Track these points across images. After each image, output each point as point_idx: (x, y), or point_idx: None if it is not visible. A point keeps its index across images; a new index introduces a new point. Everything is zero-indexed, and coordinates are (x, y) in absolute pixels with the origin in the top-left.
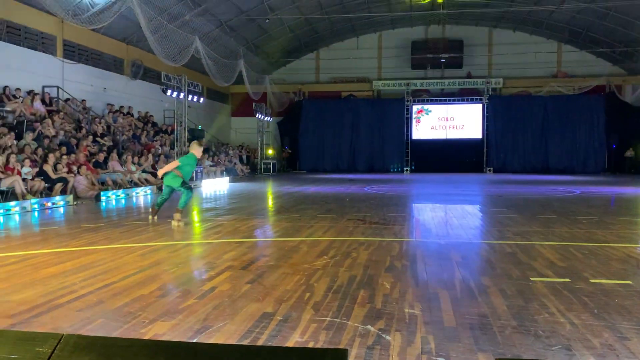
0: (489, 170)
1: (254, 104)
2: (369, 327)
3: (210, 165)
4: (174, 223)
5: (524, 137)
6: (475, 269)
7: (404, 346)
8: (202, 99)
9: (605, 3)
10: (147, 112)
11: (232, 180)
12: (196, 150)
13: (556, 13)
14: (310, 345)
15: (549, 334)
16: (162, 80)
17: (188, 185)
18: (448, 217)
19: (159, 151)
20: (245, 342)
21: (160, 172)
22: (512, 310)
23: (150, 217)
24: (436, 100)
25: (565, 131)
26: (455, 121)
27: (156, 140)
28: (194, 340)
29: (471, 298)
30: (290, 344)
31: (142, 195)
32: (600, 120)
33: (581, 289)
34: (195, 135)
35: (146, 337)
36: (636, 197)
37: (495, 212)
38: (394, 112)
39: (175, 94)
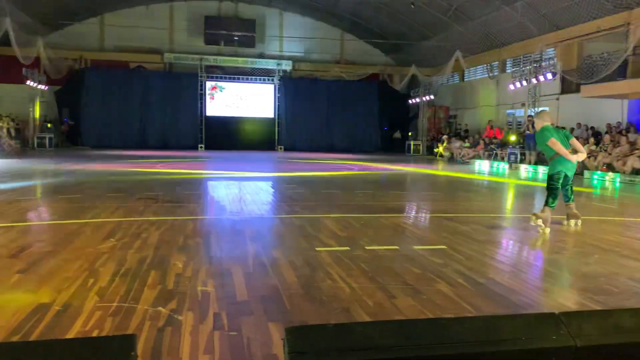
0: (280, 148)
1: (24, 69)
2: (159, 308)
3: None
4: None
5: (311, 117)
6: (267, 243)
7: (196, 324)
8: None
9: None
10: None
11: None
12: None
13: (340, 2)
14: (95, 334)
15: (332, 299)
16: None
17: None
18: (242, 194)
19: None
20: (15, 338)
21: None
22: (300, 280)
23: None
24: (230, 78)
25: (346, 113)
26: (248, 100)
27: None
28: None
29: (263, 271)
30: (71, 335)
31: None
32: (375, 105)
33: (359, 255)
34: None
35: None
36: (402, 173)
37: (285, 188)
38: (187, 87)
39: None
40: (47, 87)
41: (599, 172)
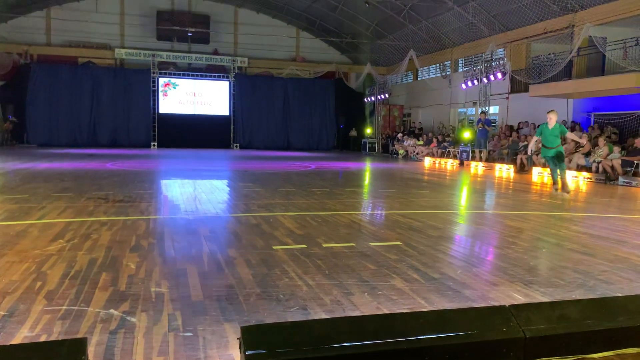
0: (236, 146)
1: None
2: (112, 311)
3: None
4: None
5: (267, 115)
6: (223, 242)
7: (150, 326)
8: None
9: None
10: None
11: None
12: None
13: (295, 0)
14: (43, 338)
15: (288, 296)
16: None
17: None
18: (197, 193)
19: None
20: None
21: None
22: (256, 279)
23: None
24: (183, 75)
25: (303, 111)
26: (203, 97)
27: None
28: None
29: (218, 270)
30: (17, 340)
31: None
32: (331, 103)
33: (315, 253)
34: None
35: None
36: (358, 171)
37: (241, 186)
38: (139, 83)
39: None
40: None
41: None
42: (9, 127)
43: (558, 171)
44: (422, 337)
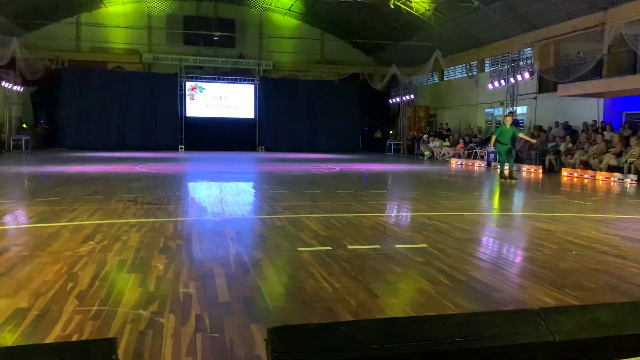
0: (261, 149)
1: None
2: (141, 311)
3: None
4: None
5: (292, 117)
6: (249, 244)
7: (179, 327)
8: None
9: None
10: None
11: None
12: None
13: (320, 2)
14: (75, 338)
15: (314, 298)
16: None
17: None
18: (223, 195)
19: None
20: None
21: None
22: (282, 281)
23: None
24: (210, 79)
25: (327, 114)
26: (228, 100)
27: None
28: None
29: (245, 272)
30: (50, 339)
31: None
32: (356, 105)
33: (341, 255)
34: None
35: None
36: (383, 173)
37: (267, 188)
38: (166, 87)
39: None
40: (22, 89)
41: (576, 169)
42: (41, 132)
43: (507, 163)
44: (449, 340)
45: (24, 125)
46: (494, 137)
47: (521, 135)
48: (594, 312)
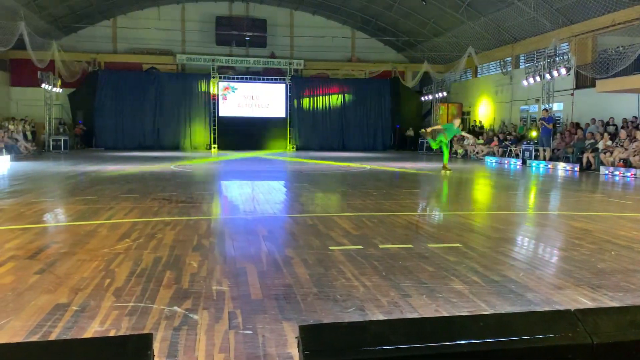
0: (293, 147)
1: (39, 72)
2: (175, 308)
3: None
4: None
5: (323, 116)
6: (280, 242)
7: (212, 323)
8: None
9: None
10: None
11: (13, 159)
12: None
13: (350, 0)
14: (112, 333)
15: (345, 297)
16: None
17: None
18: (255, 194)
19: None
20: (34, 338)
21: None
22: (313, 279)
23: None
24: (242, 78)
25: (358, 112)
26: (260, 99)
27: None
28: None
29: (276, 270)
30: (88, 334)
31: None
32: (387, 103)
33: (372, 254)
34: None
35: None
36: (415, 172)
37: (298, 187)
38: (199, 88)
39: None
40: (61, 90)
41: (615, 167)
42: (79, 132)
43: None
44: (482, 340)
45: (63, 127)
46: (439, 127)
47: (463, 133)
48: (634, 314)
